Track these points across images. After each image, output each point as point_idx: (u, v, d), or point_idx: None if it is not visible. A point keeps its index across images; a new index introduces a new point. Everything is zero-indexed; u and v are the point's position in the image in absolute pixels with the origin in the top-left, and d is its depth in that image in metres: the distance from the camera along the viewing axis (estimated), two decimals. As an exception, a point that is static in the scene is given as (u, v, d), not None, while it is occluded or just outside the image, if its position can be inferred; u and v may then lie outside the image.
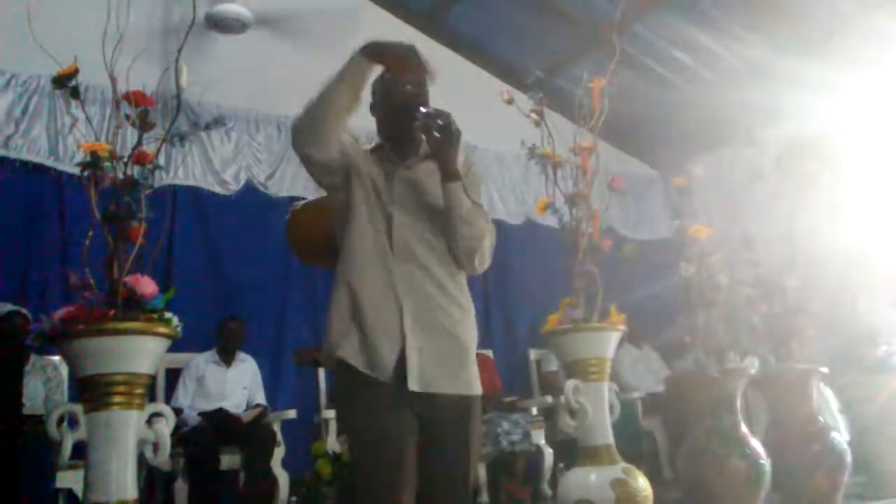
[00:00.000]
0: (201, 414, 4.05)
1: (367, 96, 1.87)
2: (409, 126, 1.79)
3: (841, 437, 3.24)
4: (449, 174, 1.74)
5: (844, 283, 3.91)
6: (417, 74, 1.81)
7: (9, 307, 3.72)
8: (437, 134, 1.70)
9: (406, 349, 1.71)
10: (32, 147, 4.35)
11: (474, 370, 1.83)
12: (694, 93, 5.84)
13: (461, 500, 1.78)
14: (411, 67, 1.75)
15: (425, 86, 1.84)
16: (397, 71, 1.78)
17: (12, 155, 4.27)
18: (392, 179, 1.83)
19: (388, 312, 1.74)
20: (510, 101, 2.78)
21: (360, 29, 5.26)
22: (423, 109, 1.74)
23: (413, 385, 1.70)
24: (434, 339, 1.75)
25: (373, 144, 1.90)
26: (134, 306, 1.89)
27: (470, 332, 1.84)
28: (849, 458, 3.12)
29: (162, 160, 2.10)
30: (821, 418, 3.24)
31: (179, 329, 1.95)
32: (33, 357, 3.75)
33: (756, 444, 2.89)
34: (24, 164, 4.34)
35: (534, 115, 2.79)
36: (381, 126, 1.93)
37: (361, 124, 1.89)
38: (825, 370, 3.27)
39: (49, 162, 4.36)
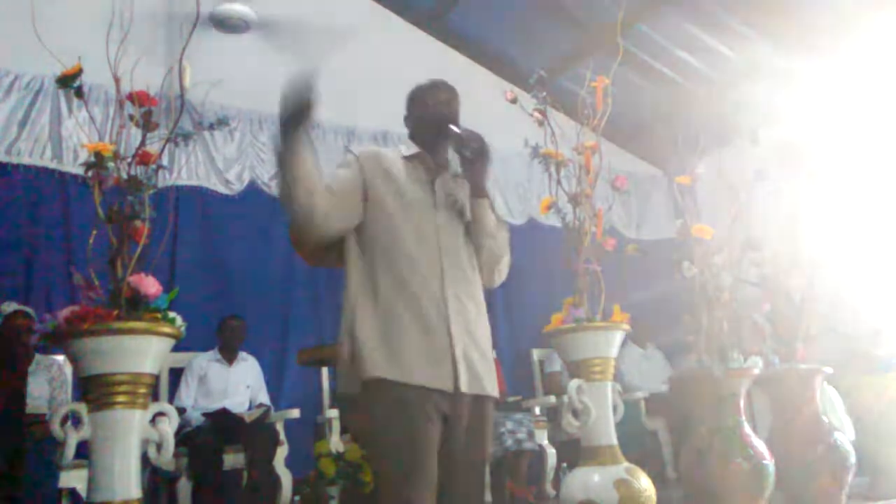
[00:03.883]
0: (204, 414, 4.06)
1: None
2: (439, 140, 1.86)
3: (845, 437, 3.23)
4: (478, 191, 1.83)
5: (848, 282, 3.90)
6: (448, 93, 1.91)
7: (14, 306, 3.73)
8: (468, 154, 1.77)
9: (454, 350, 1.74)
10: (36, 149, 4.36)
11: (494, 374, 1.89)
12: (697, 92, 5.83)
13: (477, 499, 1.81)
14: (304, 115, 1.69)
15: (455, 103, 1.92)
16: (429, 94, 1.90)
17: (15, 160, 4.29)
18: (433, 185, 1.87)
19: (438, 315, 1.75)
20: (514, 101, 2.78)
21: (363, 29, 5.29)
22: (455, 129, 1.80)
23: (464, 387, 1.73)
24: (472, 344, 1.79)
25: (408, 151, 1.92)
26: (137, 306, 1.90)
27: (489, 338, 1.90)
28: (853, 459, 3.11)
29: (165, 160, 2.10)
30: (825, 418, 3.23)
31: (183, 329, 1.95)
32: (38, 356, 3.76)
33: (760, 444, 2.88)
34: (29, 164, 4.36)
35: (537, 115, 2.79)
36: (415, 136, 1.97)
37: (395, 129, 1.92)
38: (829, 370, 3.26)
39: (52, 164, 4.37)
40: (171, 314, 1.94)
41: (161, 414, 1.94)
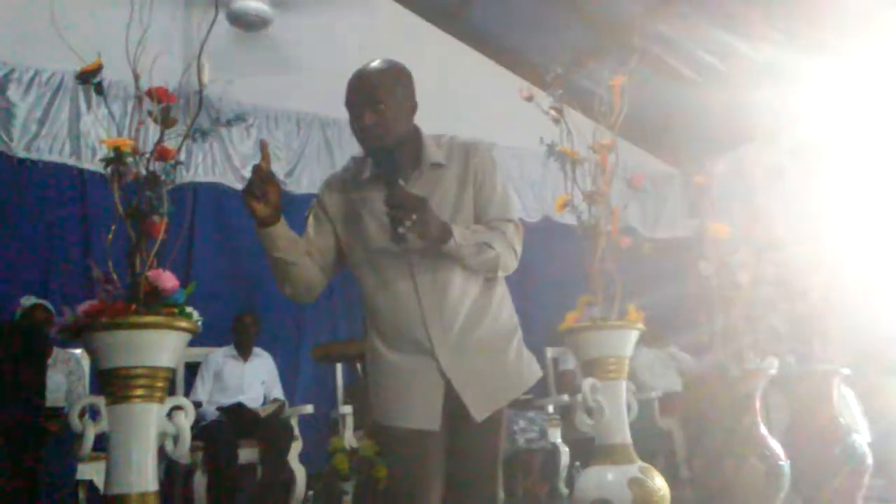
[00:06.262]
0: (220, 408, 4.09)
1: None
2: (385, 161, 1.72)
3: (862, 438, 3.21)
4: (435, 244, 1.65)
5: (867, 283, 3.86)
6: (356, 108, 1.74)
7: (33, 300, 3.78)
8: (401, 230, 1.59)
9: (454, 384, 1.70)
10: (55, 146, 4.41)
11: (510, 369, 1.85)
12: (715, 91, 5.79)
13: (489, 495, 1.80)
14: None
15: (364, 109, 1.73)
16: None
17: (35, 157, 4.35)
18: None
19: (420, 351, 1.71)
20: (529, 99, 2.77)
21: (379, 26, 5.29)
22: (387, 209, 1.61)
23: (477, 416, 1.71)
24: (471, 359, 1.73)
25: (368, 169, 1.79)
26: (155, 300, 1.91)
27: (502, 335, 1.84)
28: (869, 460, 3.08)
29: (183, 156, 2.12)
30: (841, 420, 3.21)
31: (200, 323, 1.97)
32: (56, 350, 3.80)
33: (775, 444, 2.87)
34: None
35: (553, 113, 2.79)
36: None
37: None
38: (846, 371, 3.23)
39: (71, 161, 4.42)
40: (188, 309, 1.95)
41: (178, 408, 1.96)
